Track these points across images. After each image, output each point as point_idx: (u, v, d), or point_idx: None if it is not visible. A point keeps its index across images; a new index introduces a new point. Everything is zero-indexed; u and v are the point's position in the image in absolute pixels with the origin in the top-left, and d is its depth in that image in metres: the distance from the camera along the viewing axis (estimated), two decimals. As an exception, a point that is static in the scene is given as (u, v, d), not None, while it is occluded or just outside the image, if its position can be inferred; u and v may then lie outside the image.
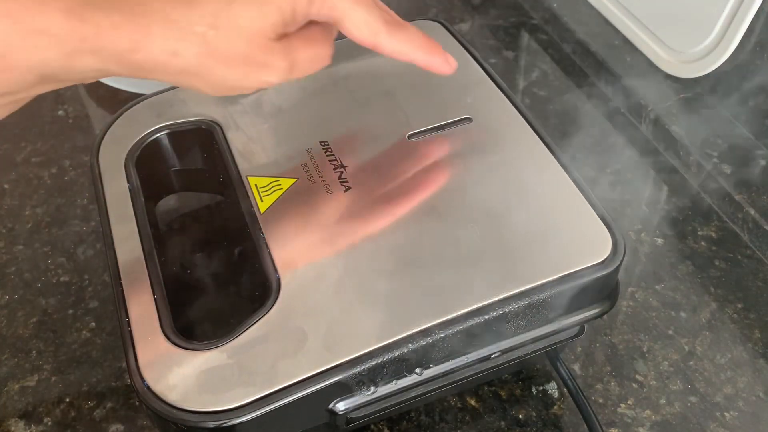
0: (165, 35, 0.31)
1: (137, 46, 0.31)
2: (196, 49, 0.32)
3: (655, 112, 0.60)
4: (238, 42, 0.32)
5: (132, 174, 0.45)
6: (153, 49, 0.31)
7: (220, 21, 0.32)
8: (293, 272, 0.39)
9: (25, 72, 0.30)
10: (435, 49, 0.39)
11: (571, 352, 0.48)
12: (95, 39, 0.30)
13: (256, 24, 0.32)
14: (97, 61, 0.31)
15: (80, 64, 0.31)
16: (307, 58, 0.35)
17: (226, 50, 0.32)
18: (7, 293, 0.51)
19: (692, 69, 0.59)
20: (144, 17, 0.31)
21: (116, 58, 0.31)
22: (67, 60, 0.31)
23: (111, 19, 0.30)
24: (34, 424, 0.45)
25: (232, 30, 0.32)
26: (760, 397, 0.45)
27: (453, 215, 0.41)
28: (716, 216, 0.55)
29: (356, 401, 0.37)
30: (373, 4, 0.36)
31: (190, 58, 0.32)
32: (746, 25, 0.54)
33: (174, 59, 0.32)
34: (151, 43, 0.31)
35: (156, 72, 0.32)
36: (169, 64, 0.32)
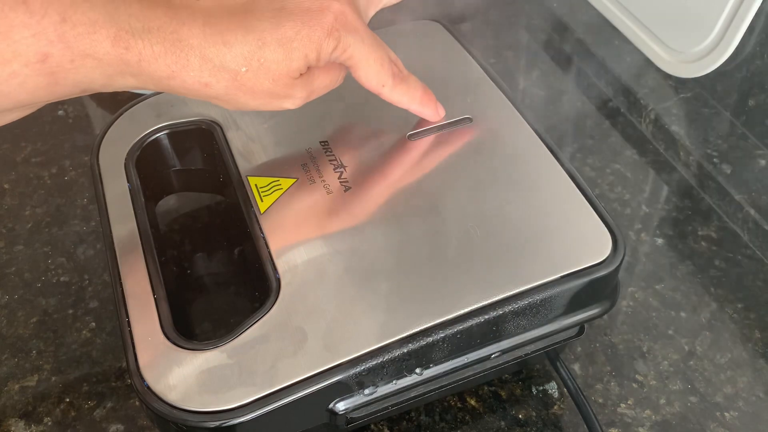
0: (200, 69, 0.34)
1: (174, 75, 0.34)
2: (225, 83, 0.35)
3: (655, 112, 0.60)
4: (264, 81, 0.36)
5: (132, 174, 0.45)
6: (187, 79, 0.34)
7: (250, 63, 0.35)
8: (293, 272, 0.39)
9: (70, 87, 0.33)
10: (429, 102, 0.44)
11: (571, 352, 0.48)
12: (137, 66, 0.33)
13: (283, 67, 0.35)
14: (136, 81, 0.34)
15: (120, 83, 0.34)
16: (324, 85, 0.40)
17: (253, 86, 0.36)
18: (7, 293, 0.51)
19: (692, 69, 0.59)
20: (183, 51, 0.33)
21: (154, 82, 0.34)
22: (109, 80, 0.34)
23: (153, 50, 0.33)
24: (34, 424, 0.45)
25: (260, 71, 0.35)
26: (760, 397, 0.45)
27: (453, 215, 0.41)
28: (716, 216, 0.55)
29: (356, 401, 0.37)
30: (386, 59, 0.40)
31: (220, 90, 0.35)
32: (746, 25, 0.54)
33: (205, 89, 0.35)
34: (186, 75, 0.34)
35: (188, 95, 0.36)
36: (200, 92, 0.35)
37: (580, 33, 0.67)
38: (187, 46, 0.33)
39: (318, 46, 0.36)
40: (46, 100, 0.34)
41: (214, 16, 0.34)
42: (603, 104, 0.64)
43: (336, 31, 0.36)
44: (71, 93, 0.34)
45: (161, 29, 0.33)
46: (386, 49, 0.40)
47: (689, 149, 0.57)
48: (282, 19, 0.35)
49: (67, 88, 0.33)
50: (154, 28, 0.33)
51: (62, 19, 0.31)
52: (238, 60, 0.34)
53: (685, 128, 0.59)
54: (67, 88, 0.33)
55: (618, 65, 0.64)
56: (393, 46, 0.43)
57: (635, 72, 0.63)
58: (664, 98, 0.61)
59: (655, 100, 0.61)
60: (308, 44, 0.35)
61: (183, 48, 0.33)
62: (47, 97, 0.33)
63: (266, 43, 0.34)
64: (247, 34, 0.34)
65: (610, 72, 0.64)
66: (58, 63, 0.32)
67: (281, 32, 0.35)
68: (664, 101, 0.61)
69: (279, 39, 0.35)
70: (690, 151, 0.57)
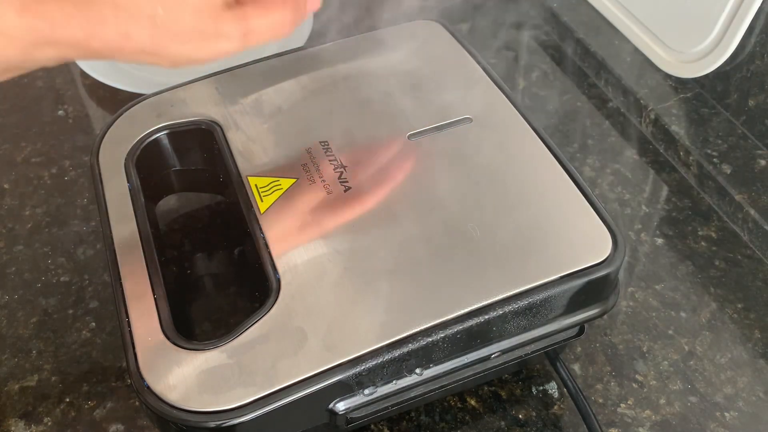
0: (116, 20, 0.32)
1: (91, 33, 0.32)
2: (147, 30, 0.33)
3: (655, 112, 0.60)
4: (186, 16, 0.33)
5: (132, 174, 0.45)
6: (106, 35, 0.32)
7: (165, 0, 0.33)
8: (293, 272, 0.39)
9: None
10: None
11: (571, 352, 0.48)
12: (51, 32, 0.31)
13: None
14: (55, 50, 0.32)
15: (40, 55, 0.32)
16: (264, 25, 0.36)
17: (175, 26, 0.33)
18: (7, 293, 0.51)
19: (692, 69, 0.59)
20: (95, 5, 0.32)
21: (74, 47, 0.32)
22: (26, 54, 0.32)
23: (63, 12, 0.31)
24: (34, 424, 0.45)
25: (178, 6, 0.33)
26: (760, 397, 0.45)
27: (453, 215, 0.41)
28: (716, 216, 0.55)
29: (356, 401, 0.37)
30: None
31: (144, 39, 0.33)
32: (746, 25, 0.54)
33: (128, 42, 0.33)
34: (104, 30, 0.32)
35: (114, 55, 0.34)
36: (125, 47, 0.33)
37: (580, 33, 0.67)
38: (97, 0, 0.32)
39: None
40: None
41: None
42: (603, 104, 0.64)
43: None
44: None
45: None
46: None
47: (689, 149, 0.57)
48: None
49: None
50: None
51: None
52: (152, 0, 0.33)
53: (685, 128, 0.59)
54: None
55: (618, 65, 0.64)
56: (393, 46, 0.43)
57: (635, 72, 0.63)
58: (664, 98, 0.61)
59: (655, 100, 0.61)
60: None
61: (94, 2, 0.32)
62: None
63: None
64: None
65: (610, 72, 0.64)
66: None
67: None
68: (664, 101, 0.61)
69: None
70: (690, 151, 0.57)
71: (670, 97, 0.61)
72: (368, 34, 0.54)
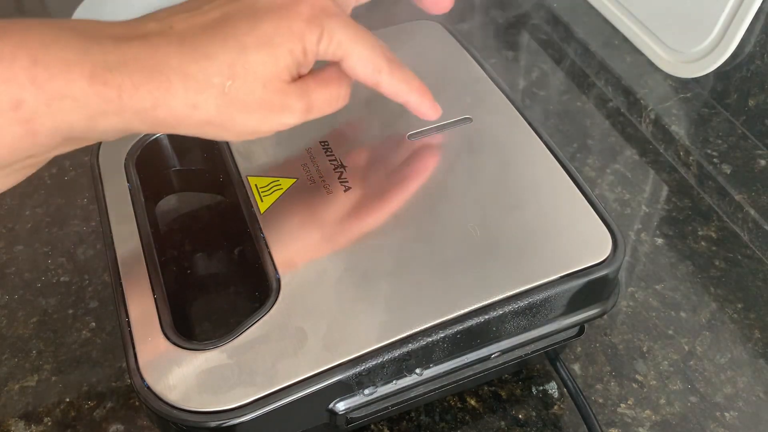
0: (185, 90, 0.32)
1: (158, 102, 0.32)
2: (215, 100, 0.33)
3: (655, 112, 0.60)
4: (255, 88, 0.34)
5: (132, 174, 0.45)
6: (174, 104, 0.32)
7: (236, 70, 0.33)
8: (293, 272, 0.39)
9: (50, 135, 0.31)
10: (427, 93, 0.41)
11: (571, 352, 0.48)
12: (118, 100, 0.31)
13: (270, 69, 0.34)
14: (120, 120, 0.32)
15: (103, 125, 0.32)
16: (324, 99, 0.37)
17: (244, 97, 0.33)
18: (7, 293, 0.51)
19: (692, 69, 0.59)
20: (163, 74, 0.32)
21: (139, 116, 0.32)
22: (91, 122, 0.31)
23: (132, 80, 0.31)
24: (34, 424, 0.45)
25: (248, 77, 0.33)
26: (760, 397, 0.45)
27: (453, 215, 0.41)
28: (716, 216, 0.55)
29: (356, 401, 0.37)
30: (377, 42, 0.37)
31: (211, 109, 0.33)
32: (746, 25, 0.54)
33: (195, 112, 0.33)
34: (172, 99, 0.32)
35: (179, 126, 0.33)
36: (191, 117, 0.33)
37: (581, 33, 0.67)
38: (166, 68, 0.32)
39: (301, 37, 0.34)
40: (27, 153, 0.32)
41: (190, 35, 0.33)
42: (603, 104, 0.64)
43: (316, 18, 0.34)
44: (52, 143, 0.32)
45: (137, 58, 0.31)
46: (374, 35, 0.38)
47: (689, 149, 0.57)
48: (258, 20, 0.34)
49: (46, 137, 0.31)
50: (130, 59, 0.31)
51: (33, 62, 0.29)
52: (222, 70, 0.33)
53: (685, 128, 0.59)
54: (47, 137, 0.31)
55: (618, 65, 0.64)
56: (393, 46, 0.42)
57: (635, 72, 0.63)
58: (664, 98, 0.61)
59: (655, 100, 0.61)
60: (290, 37, 0.34)
61: (162, 71, 0.32)
62: (28, 150, 0.31)
63: (246, 46, 0.33)
64: (226, 41, 0.33)
65: (610, 72, 0.64)
66: (33, 108, 0.30)
67: (260, 32, 0.33)
68: (664, 101, 0.61)
69: (259, 39, 0.33)
70: (690, 151, 0.57)
71: (670, 97, 0.61)
72: (368, 34, 0.54)
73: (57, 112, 0.30)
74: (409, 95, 0.40)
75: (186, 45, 0.32)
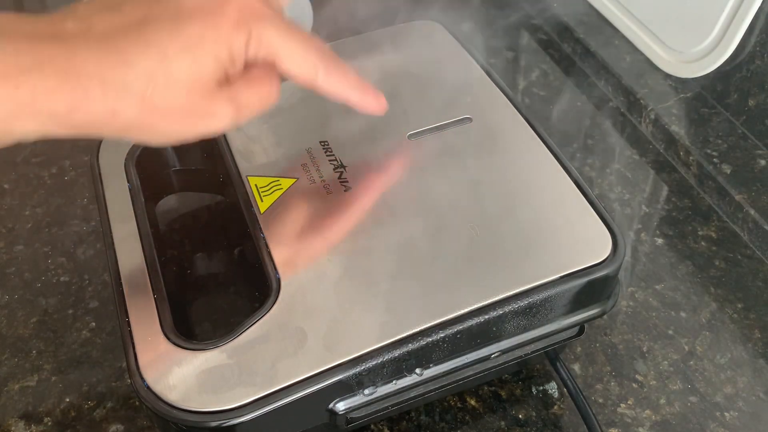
0: (103, 96, 0.30)
1: (75, 107, 0.30)
2: (135, 107, 0.31)
3: (655, 112, 0.60)
4: (177, 95, 0.32)
5: (132, 174, 0.45)
6: (92, 110, 0.30)
7: (156, 77, 0.31)
8: (293, 272, 0.39)
9: None
10: (368, 88, 0.39)
11: (571, 352, 0.48)
12: (32, 105, 0.29)
13: (194, 75, 0.32)
14: (35, 123, 0.30)
15: (19, 128, 0.30)
16: (253, 99, 0.35)
17: (166, 105, 0.32)
18: (7, 293, 0.51)
19: (692, 69, 0.59)
20: (80, 79, 0.30)
21: (55, 120, 0.31)
22: (4, 125, 0.30)
23: (46, 84, 0.29)
24: (34, 424, 0.45)
25: (169, 85, 0.31)
26: (760, 397, 0.45)
27: (453, 215, 0.41)
28: (716, 216, 0.55)
29: (356, 401, 0.37)
30: (310, 41, 0.36)
31: (131, 116, 0.31)
32: (746, 25, 0.54)
33: (114, 118, 0.31)
34: (89, 105, 0.30)
35: (99, 131, 0.32)
36: (110, 123, 0.31)
37: (580, 33, 0.67)
38: (83, 74, 0.30)
39: (228, 43, 0.32)
40: None
41: (109, 37, 0.31)
42: (603, 104, 0.64)
43: (244, 23, 0.33)
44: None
45: (53, 60, 0.29)
46: (308, 35, 0.36)
47: (689, 149, 0.57)
48: (181, 25, 0.32)
49: None
50: (45, 61, 0.29)
51: None
52: (141, 78, 0.31)
53: (685, 128, 0.59)
54: None
55: (618, 65, 0.64)
56: (393, 46, 0.43)
57: (635, 72, 0.63)
58: (664, 98, 0.61)
59: (655, 100, 0.61)
60: (216, 44, 0.32)
61: (79, 76, 0.30)
62: None
63: (168, 54, 0.31)
64: (147, 48, 0.31)
65: (610, 72, 0.64)
66: None
67: (183, 38, 0.31)
68: (664, 101, 0.61)
69: (182, 46, 0.31)
70: (690, 151, 0.57)
71: (670, 97, 0.61)
72: (368, 34, 0.54)
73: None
74: (348, 93, 0.38)
75: (104, 49, 0.31)
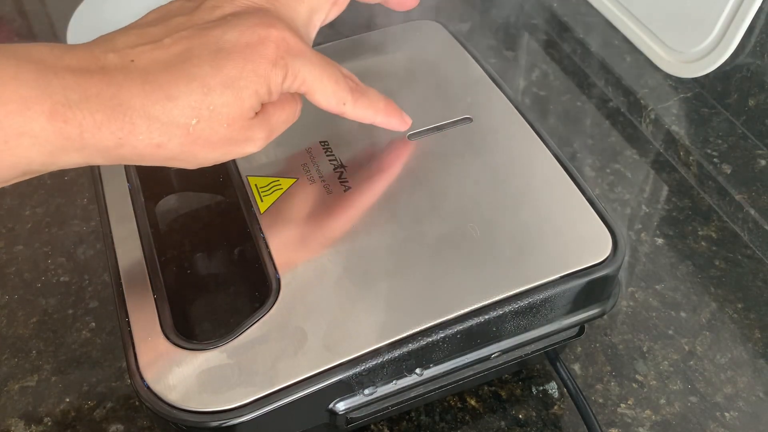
0: (149, 131, 0.32)
1: (122, 142, 0.31)
2: (179, 140, 0.33)
3: (655, 112, 0.60)
4: (219, 128, 0.33)
5: (132, 174, 0.45)
6: (137, 144, 0.32)
7: (201, 112, 0.33)
8: (293, 272, 0.39)
9: (9, 170, 0.31)
10: (394, 111, 0.43)
11: (571, 352, 0.48)
12: (80, 139, 0.31)
13: (235, 110, 0.33)
14: (81, 156, 0.32)
15: (64, 160, 0.31)
16: (282, 120, 0.37)
17: (209, 137, 0.33)
18: (7, 293, 0.51)
19: (692, 69, 0.59)
20: (126, 115, 0.31)
21: (101, 154, 0.32)
22: (51, 158, 0.31)
23: (94, 119, 0.30)
24: (34, 424, 0.45)
25: (213, 119, 0.33)
26: (760, 397, 0.45)
27: (453, 215, 0.41)
28: (716, 216, 0.55)
29: (356, 401, 0.37)
30: (340, 75, 0.38)
31: (174, 148, 0.33)
32: (746, 25, 0.54)
33: (159, 150, 0.33)
34: (135, 139, 0.32)
35: (142, 161, 0.33)
36: (155, 155, 0.33)
37: (580, 33, 0.67)
38: (129, 109, 0.31)
39: (266, 79, 0.34)
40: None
41: (152, 72, 0.32)
42: (603, 104, 0.64)
43: (281, 59, 0.34)
44: (9, 177, 0.31)
45: (99, 96, 0.31)
46: (337, 66, 0.39)
47: (689, 149, 0.57)
48: (222, 60, 0.33)
49: (4, 171, 0.31)
50: (92, 96, 0.30)
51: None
52: (186, 112, 0.32)
53: (685, 128, 0.59)
54: (5, 171, 0.31)
55: (618, 65, 0.64)
56: (393, 46, 0.43)
57: (635, 72, 0.63)
58: (664, 98, 0.61)
59: (655, 100, 0.61)
60: (256, 79, 0.34)
61: (125, 111, 0.31)
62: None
63: (212, 88, 0.32)
64: (190, 83, 0.32)
65: (610, 72, 0.64)
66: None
67: (224, 73, 0.33)
68: (664, 101, 0.61)
69: (224, 81, 0.33)
70: (690, 151, 0.57)
71: (670, 97, 0.61)
72: (368, 34, 0.54)
73: (15, 148, 0.30)
74: (374, 118, 0.42)
75: (148, 84, 0.32)
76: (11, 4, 0.78)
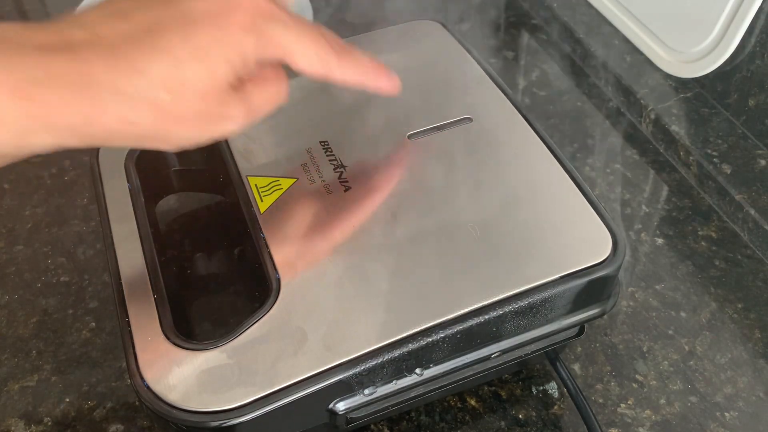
0: (117, 106, 0.30)
1: (91, 118, 0.30)
2: (151, 115, 0.31)
3: (655, 112, 0.60)
4: (192, 101, 0.32)
5: (132, 174, 0.45)
6: (107, 120, 0.30)
7: (170, 84, 0.31)
8: (293, 272, 0.39)
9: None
10: (381, 71, 0.40)
11: (571, 352, 0.48)
12: (46, 117, 0.29)
13: (207, 80, 0.32)
14: (51, 136, 0.30)
15: (35, 141, 0.30)
16: (263, 99, 0.35)
17: (181, 111, 0.32)
18: (7, 293, 0.51)
19: (692, 69, 0.59)
20: (93, 90, 0.30)
21: (71, 133, 0.30)
22: (20, 139, 0.30)
23: (60, 96, 0.29)
24: (34, 424, 0.45)
25: (183, 91, 0.31)
26: (760, 397, 0.45)
27: (453, 215, 0.41)
28: (716, 216, 0.55)
29: (356, 401, 0.37)
30: (320, 36, 0.36)
31: (147, 125, 0.31)
32: (746, 25, 0.54)
33: (130, 128, 0.31)
34: (104, 115, 0.30)
35: (113, 140, 0.32)
36: (126, 132, 0.31)
37: (580, 33, 0.67)
38: (96, 84, 0.30)
39: (239, 46, 0.32)
40: None
41: (118, 45, 0.30)
42: (603, 104, 0.64)
43: (253, 24, 0.33)
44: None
45: (65, 72, 0.29)
46: (318, 27, 0.36)
47: (689, 149, 0.57)
48: (191, 31, 0.31)
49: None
50: (58, 73, 0.29)
51: None
52: (155, 86, 0.31)
53: (685, 128, 0.59)
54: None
55: (618, 65, 0.64)
56: (393, 46, 0.43)
57: (635, 72, 0.63)
58: (664, 98, 0.61)
59: (655, 100, 0.61)
60: (227, 47, 0.32)
61: (92, 87, 0.29)
62: None
63: (181, 60, 0.31)
64: (159, 55, 0.31)
65: (610, 72, 0.64)
66: None
67: (194, 44, 0.31)
68: (664, 101, 0.61)
69: (193, 51, 0.31)
70: (690, 151, 0.57)
71: (670, 97, 0.61)
72: (368, 34, 0.54)
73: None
74: (362, 79, 0.39)
75: (115, 58, 0.30)
76: (11, 4, 0.78)
